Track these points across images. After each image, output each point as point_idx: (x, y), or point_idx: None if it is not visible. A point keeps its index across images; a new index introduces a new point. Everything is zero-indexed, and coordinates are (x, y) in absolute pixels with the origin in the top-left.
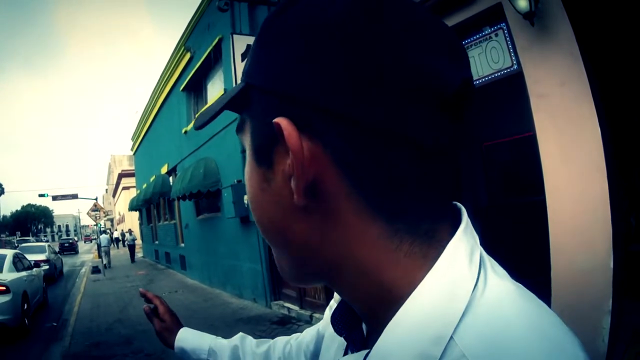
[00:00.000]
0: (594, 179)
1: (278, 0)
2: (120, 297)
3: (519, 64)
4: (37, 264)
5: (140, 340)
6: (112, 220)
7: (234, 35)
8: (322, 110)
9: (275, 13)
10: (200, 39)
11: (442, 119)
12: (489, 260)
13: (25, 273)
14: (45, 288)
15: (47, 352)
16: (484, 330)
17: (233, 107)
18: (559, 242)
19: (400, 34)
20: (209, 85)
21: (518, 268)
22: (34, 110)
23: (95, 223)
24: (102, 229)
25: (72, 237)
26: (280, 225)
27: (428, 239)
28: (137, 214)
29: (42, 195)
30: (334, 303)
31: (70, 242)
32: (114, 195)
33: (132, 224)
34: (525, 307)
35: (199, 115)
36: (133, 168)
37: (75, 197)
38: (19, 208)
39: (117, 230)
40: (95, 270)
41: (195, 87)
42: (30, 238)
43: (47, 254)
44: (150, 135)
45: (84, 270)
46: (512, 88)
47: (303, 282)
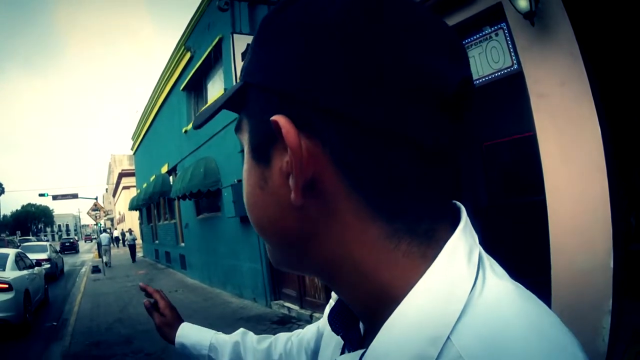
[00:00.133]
0: (594, 179)
1: (278, 0)
2: (121, 296)
3: (519, 64)
4: (38, 263)
5: (141, 340)
6: (112, 220)
7: (234, 35)
8: (321, 109)
9: (275, 11)
10: (201, 39)
11: (442, 119)
12: (488, 260)
13: (27, 272)
14: (47, 286)
15: (47, 351)
16: (482, 331)
17: (232, 105)
18: (559, 242)
19: (400, 34)
20: (209, 85)
21: (518, 268)
22: (34, 110)
23: (96, 222)
24: (102, 229)
25: (72, 236)
26: (278, 225)
27: (427, 239)
28: (137, 214)
29: (42, 195)
30: (333, 302)
31: (71, 241)
32: (114, 195)
33: (132, 224)
34: (524, 307)
35: (198, 115)
36: (133, 167)
37: (76, 196)
38: (19, 208)
39: (117, 230)
40: (96, 270)
41: (196, 86)
42: (32, 238)
43: (48, 253)
44: (151, 135)
45: (84, 270)
46: (512, 88)
47: (295, 271)
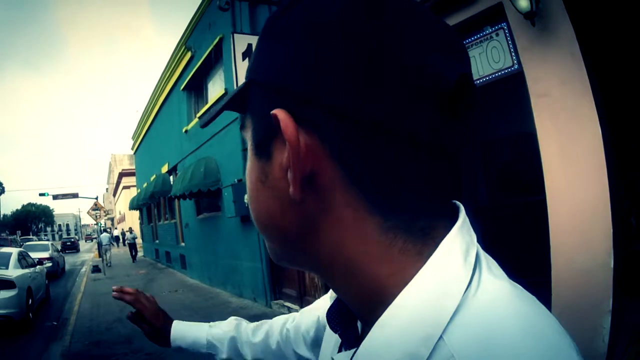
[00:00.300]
0: (594, 179)
1: (279, 0)
2: None
3: (520, 64)
4: (40, 262)
5: (140, 340)
6: (112, 220)
7: (235, 35)
8: (320, 105)
9: (279, 12)
10: (201, 38)
11: (441, 117)
12: (486, 259)
13: (29, 270)
14: (48, 285)
15: (47, 351)
16: (475, 331)
17: (237, 104)
18: (559, 241)
19: (400, 32)
20: (210, 85)
21: (518, 268)
22: (35, 109)
23: (96, 222)
24: (102, 228)
25: (73, 236)
26: (277, 219)
27: (423, 236)
28: (137, 213)
29: (42, 195)
30: (330, 295)
31: (72, 240)
32: (115, 195)
33: (132, 223)
34: (521, 308)
35: (205, 114)
36: (133, 167)
37: (76, 196)
38: (20, 207)
39: (117, 229)
40: (96, 270)
41: (196, 86)
42: (33, 237)
43: (50, 252)
44: (151, 135)
45: (85, 269)
46: (512, 88)
47: (293, 265)
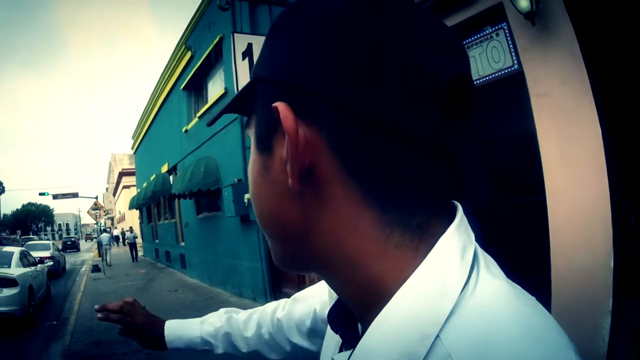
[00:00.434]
0: (594, 179)
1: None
2: (121, 295)
3: (520, 64)
4: (41, 261)
5: None
6: (112, 219)
7: (235, 34)
8: (320, 98)
9: (285, 12)
10: (201, 38)
11: (441, 116)
12: (484, 258)
13: (31, 269)
14: (49, 283)
15: (47, 350)
16: (472, 330)
17: (243, 104)
18: (559, 241)
19: (400, 32)
20: (210, 84)
21: (518, 268)
22: (35, 109)
23: (96, 222)
24: (102, 228)
25: (73, 235)
26: (276, 212)
27: (420, 232)
28: (137, 213)
29: (42, 194)
30: (326, 287)
31: (73, 240)
32: (115, 194)
33: (132, 223)
34: (519, 307)
35: (208, 113)
36: (133, 167)
37: (76, 195)
38: (20, 207)
39: (117, 229)
40: (96, 269)
41: (196, 86)
42: (34, 237)
43: (51, 251)
44: (151, 134)
45: (85, 269)
46: (512, 88)
47: (296, 269)
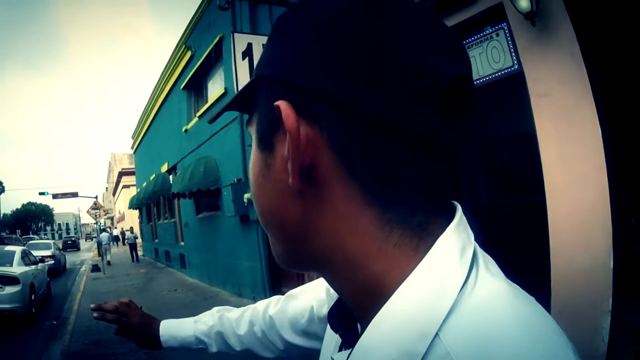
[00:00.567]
0: (594, 179)
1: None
2: (120, 295)
3: (520, 64)
4: (42, 260)
5: None
6: (112, 219)
7: (235, 34)
8: (321, 97)
9: (288, 12)
10: (201, 38)
11: (441, 116)
12: (484, 258)
13: (32, 267)
14: (49, 282)
15: (47, 350)
16: (471, 329)
17: (244, 102)
18: (559, 241)
19: (400, 32)
20: (210, 84)
21: (518, 268)
22: (35, 108)
23: (96, 221)
24: (102, 228)
25: (73, 235)
26: (277, 210)
27: (420, 232)
28: (137, 212)
29: (42, 194)
30: (323, 283)
31: (73, 239)
32: (114, 194)
33: (132, 222)
34: (518, 307)
35: (208, 111)
36: (133, 166)
37: (76, 195)
38: (19, 206)
39: (116, 229)
40: (95, 269)
41: (196, 85)
42: (35, 236)
43: (52, 250)
44: (151, 134)
45: (84, 269)
46: (512, 88)
47: (297, 268)
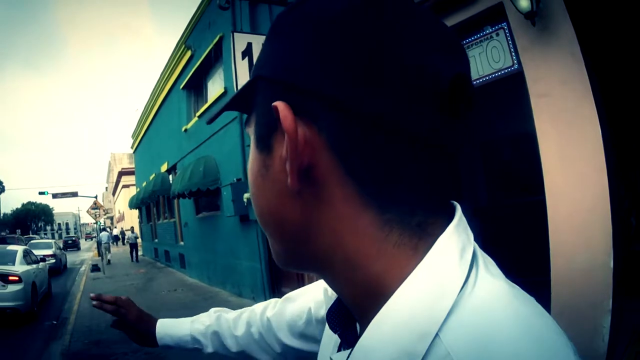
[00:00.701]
0: (594, 179)
1: None
2: (120, 295)
3: (520, 64)
4: (43, 259)
5: None
6: (111, 219)
7: (235, 34)
8: (319, 97)
9: (286, 11)
10: (201, 37)
11: (440, 116)
12: (483, 259)
13: (34, 266)
14: (50, 281)
15: (47, 350)
16: (471, 329)
17: (243, 102)
18: (559, 241)
19: (400, 32)
20: (210, 84)
21: (518, 268)
22: (35, 108)
23: (95, 221)
24: (102, 227)
25: (73, 235)
26: (275, 211)
27: (419, 232)
28: (136, 212)
29: (42, 193)
30: (323, 285)
31: (73, 239)
32: (114, 194)
33: (131, 222)
34: (518, 307)
35: (207, 112)
36: (133, 166)
37: (75, 195)
38: (19, 206)
39: (116, 228)
40: (95, 269)
41: (196, 85)
42: (35, 236)
43: (53, 249)
44: (151, 134)
45: (84, 268)
46: (512, 88)
47: (296, 268)
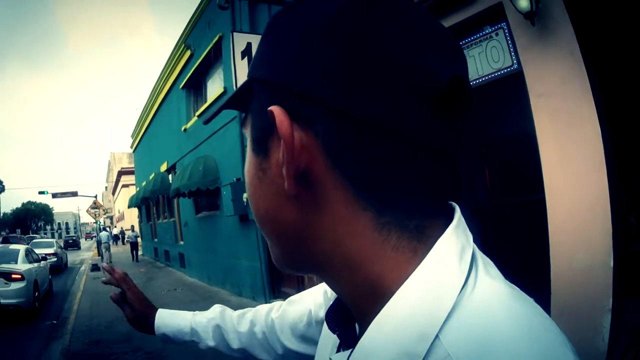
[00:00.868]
0: (594, 179)
1: None
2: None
3: (519, 64)
4: (44, 258)
5: (140, 338)
6: (111, 218)
7: (234, 33)
8: (315, 101)
9: (280, 13)
10: (201, 37)
11: (436, 116)
12: (483, 260)
13: (35, 265)
14: (51, 279)
15: (47, 350)
16: (471, 331)
17: (239, 102)
18: (559, 241)
19: (395, 33)
20: (209, 83)
21: (518, 268)
22: (35, 107)
23: (95, 220)
24: (102, 227)
25: (73, 234)
26: (273, 214)
27: (418, 234)
28: (136, 212)
29: (42, 193)
30: (324, 286)
31: (74, 239)
32: (114, 193)
33: (131, 222)
34: (516, 308)
35: (206, 112)
36: (133, 165)
37: (75, 194)
38: (19, 205)
39: (116, 228)
40: (95, 268)
41: (195, 84)
42: (36, 235)
43: (55, 248)
44: (150, 133)
45: (84, 268)
46: (512, 87)
47: (295, 270)
